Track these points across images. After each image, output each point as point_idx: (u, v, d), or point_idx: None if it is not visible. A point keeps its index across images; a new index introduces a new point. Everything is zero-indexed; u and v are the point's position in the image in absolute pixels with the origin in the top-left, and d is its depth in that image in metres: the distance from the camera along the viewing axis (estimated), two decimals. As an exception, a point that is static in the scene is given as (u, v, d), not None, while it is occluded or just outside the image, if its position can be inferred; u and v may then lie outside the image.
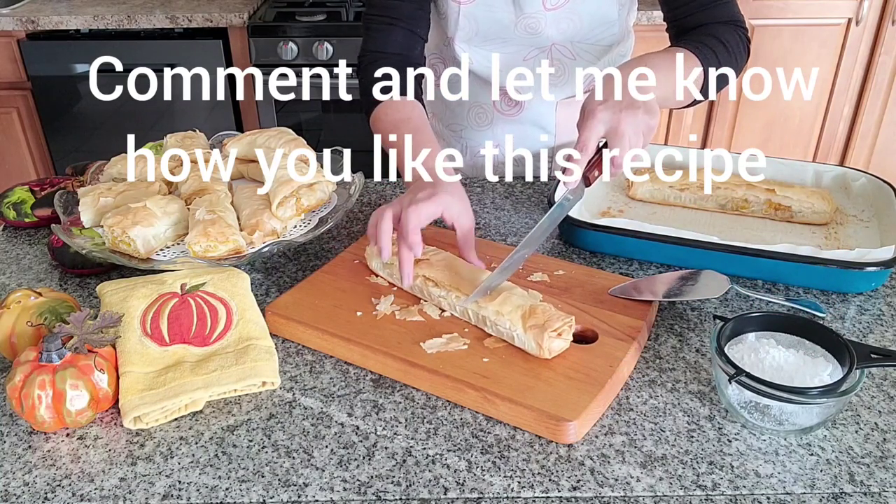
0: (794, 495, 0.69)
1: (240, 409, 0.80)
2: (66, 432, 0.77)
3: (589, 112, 0.89)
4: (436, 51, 1.32)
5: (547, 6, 1.17)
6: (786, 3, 2.48)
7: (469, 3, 1.18)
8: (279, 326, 0.90)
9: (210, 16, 2.46)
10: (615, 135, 0.87)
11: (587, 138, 0.87)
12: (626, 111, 0.87)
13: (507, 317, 0.83)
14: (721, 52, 1.04)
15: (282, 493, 0.70)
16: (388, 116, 1.10)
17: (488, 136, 1.35)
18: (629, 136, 0.87)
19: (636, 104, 0.88)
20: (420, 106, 1.13)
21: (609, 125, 0.87)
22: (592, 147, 0.88)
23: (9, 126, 2.64)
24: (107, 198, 1.01)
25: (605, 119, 0.87)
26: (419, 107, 1.12)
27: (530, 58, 1.24)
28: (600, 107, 0.88)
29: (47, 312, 0.84)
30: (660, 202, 1.16)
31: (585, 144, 0.87)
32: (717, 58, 1.03)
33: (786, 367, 0.76)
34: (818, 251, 0.95)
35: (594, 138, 0.88)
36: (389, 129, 1.08)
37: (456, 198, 0.95)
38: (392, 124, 1.09)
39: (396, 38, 1.16)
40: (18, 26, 2.46)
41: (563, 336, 0.81)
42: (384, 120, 1.10)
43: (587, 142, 0.87)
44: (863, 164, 2.74)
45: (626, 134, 0.86)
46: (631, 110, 0.87)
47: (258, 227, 0.98)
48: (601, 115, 0.87)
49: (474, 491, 0.70)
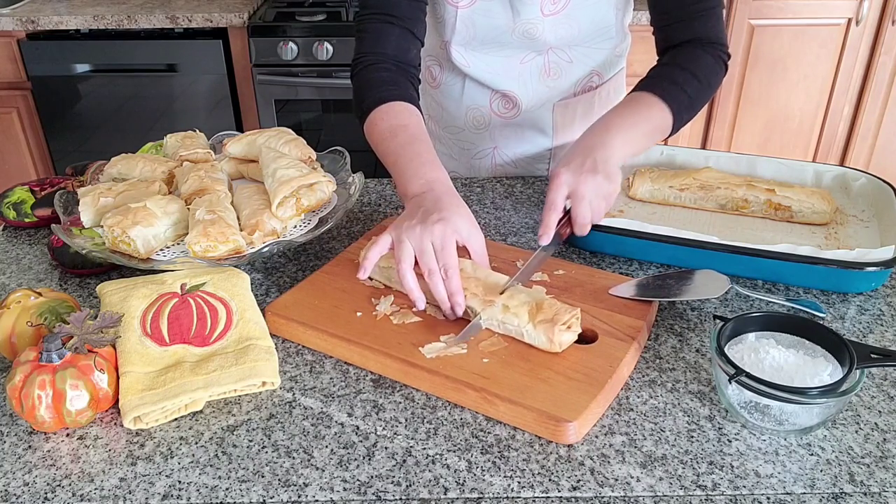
0: (794, 495, 0.69)
1: (240, 409, 0.80)
2: (66, 432, 0.77)
3: (553, 175, 0.97)
4: (433, 54, 1.32)
5: (545, 11, 1.16)
6: (786, 3, 2.48)
7: (466, 8, 1.18)
8: (279, 326, 0.90)
9: (210, 16, 2.46)
10: (575, 196, 0.95)
11: (553, 199, 0.96)
12: (586, 175, 0.95)
13: (514, 312, 0.83)
14: (692, 87, 1.06)
15: (282, 493, 0.70)
16: (383, 122, 1.05)
17: (486, 139, 1.34)
18: (588, 199, 0.95)
19: (596, 169, 0.96)
20: (418, 113, 1.08)
21: (570, 187, 0.96)
22: (559, 205, 0.96)
23: (9, 126, 2.64)
24: (107, 198, 1.01)
25: (568, 181, 0.96)
26: (417, 114, 1.07)
27: (527, 61, 1.23)
28: (564, 170, 0.97)
29: (47, 312, 0.84)
30: (660, 202, 1.16)
31: (553, 203, 0.96)
32: (688, 97, 1.06)
33: (786, 367, 0.76)
34: (818, 251, 0.95)
35: (559, 199, 0.96)
36: (384, 135, 1.04)
37: (461, 216, 0.92)
38: (388, 129, 1.04)
39: (392, 38, 1.11)
40: (18, 26, 2.46)
41: (572, 329, 0.82)
42: (379, 125, 1.05)
43: (553, 201, 0.96)
44: (863, 164, 2.73)
45: (586, 196, 0.95)
46: (590, 174, 0.95)
47: (258, 227, 0.98)
48: (563, 177, 0.96)
49: (474, 491, 0.70)
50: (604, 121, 1.04)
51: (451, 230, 0.89)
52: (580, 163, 0.97)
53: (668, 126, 1.06)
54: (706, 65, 1.08)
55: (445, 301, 0.87)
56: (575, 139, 1.30)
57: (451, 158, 1.40)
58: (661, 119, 1.05)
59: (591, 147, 0.99)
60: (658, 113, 1.05)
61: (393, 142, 1.03)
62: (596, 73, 1.27)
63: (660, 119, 1.05)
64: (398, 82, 1.09)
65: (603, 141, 1.00)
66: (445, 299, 0.87)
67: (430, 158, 1.00)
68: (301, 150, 1.10)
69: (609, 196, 0.97)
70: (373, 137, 1.07)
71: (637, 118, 1.05)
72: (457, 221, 0.91)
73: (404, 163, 1.00)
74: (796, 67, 2.58)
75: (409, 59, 1.13)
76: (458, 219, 0.92)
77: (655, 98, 1.05)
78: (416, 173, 0.98)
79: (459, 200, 0.95)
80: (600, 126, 1.03)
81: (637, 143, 1.04)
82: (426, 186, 0.96)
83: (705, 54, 1.09)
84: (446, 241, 0.88)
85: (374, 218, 1.17)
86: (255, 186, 1.07)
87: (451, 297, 0.87)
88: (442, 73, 1.31)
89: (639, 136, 1.04)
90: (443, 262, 0.88)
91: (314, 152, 1.13)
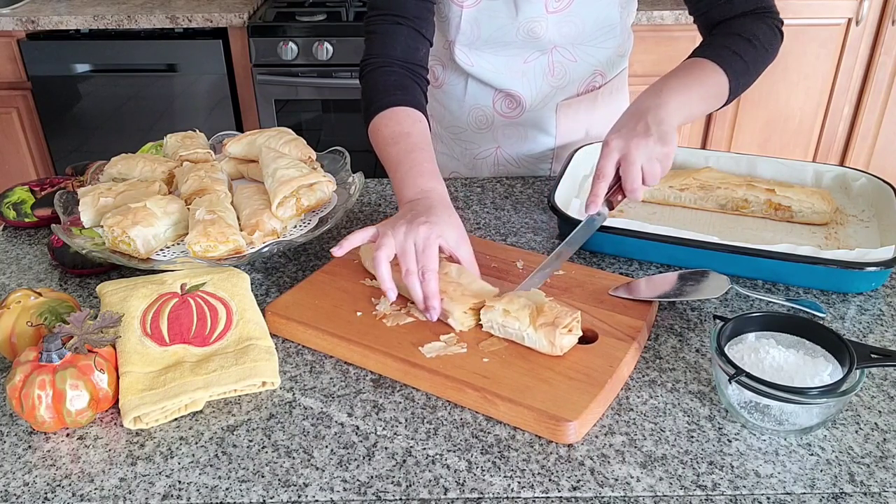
0: (794, 495, 0.69)
1: (240, 409, 0.80)
2: (66, 432, 0.77)
3: (605, 142, 0.96)
4: (435, 54, 1.31)
5: (549, 10, 1.16)
6: (786, 3, 2.48)
7: (471, 7, 1.17)
8: (279, 326, 0.90)
9: (210, 16, 2.46)
10: (626, 160, 0.93)
11: (602, 166, 0.94)
12: (637, 139, 0.93)
13: (514, 316, 0.82)
14: (748, 52, 1.04)
15: (282, 493, 0.70)
16: (386, 127, 1.05)
17: (488, 139, 1.34)
18: (640, 162, 0.93)
19: (648, 133, 0.93)
20: (423, 119, 1.07)
21: (621, 153, 0.94)
22: (609, 174, 0.94)
23: (9, 126, 2.64)
24: (107, 198, 1.01)
25: (618, 147, 0.94)
26: (422, 121, 1.07)
27: (531, 60, 1.23)
28: (614, 136, 0.95)
29: (47, 312, 0.84)
30: (660, 202, 1.16)
31: (602, 172, 0.94)
32: (743, 62, 1.04)
33: (786, 367, 0.76)
34: (818, 251, 0.95)
35: (609, 166, 0.94)
36: (387, 140, 1.04)
37: (452, 226, 0.93)
38: (391, 136, 1.04)
39: (401, 39, 1.10)
40: (18, 26, 2.46)
41: (573, 332, 0.82)
42: (382, 131, 1.05)
43: (603, 169, 0.94)
44: (863, 164, 2.73)
45: (637, 160, 0.93)
46: (642, 138, 0.93)
47: (258, 227, 0.98)
48: (614, 143, 0.94)
49: (474, 491, 0.70)
50: (657, 84, 1.01)
51: (436, 234, 0.89)
52: (632, 126, 0.94)
53: (725, 91, 1.04)
54: (761, 31, 1.06)
55: (420, 303, 0.87)
56: (576, 140, 1.30)
57: (452, 158, 1.40)
58: (716, 83, 1.03)
59: (643, 110, 0.96)
60: (713, 76, 1.02)
61: (394, 148, 1.03)
62: (599, 72, 1.27)
63: (715, 83, 1.03)
64: (405, 86, 1.09)
65: (656, 103, 0.97)
66: (420, 301, 0.87)
67: (428, 168, 1.00)
68: (301, 150, 1.10)
69: (664, 158, 0.94)
70: (376, 142, 1.07)
71: (691, 80, 1.02)
72: (444, 228, 0.91)
73: (403, 171, 1.00)
74: (796, 67, 2.58)
75: (418, 60, 1.12)
76: (447, 226, 0.92)
77: (710, 63, 1.03)
78: (414, 182, 0.98)
79: (452, 211, 0.95)
80: (653, 89, 1.00)
81: (692, 105, 1.01)
82: (421, 195, 0.96)
83: (758, 21, 1.07)
84: (429, 243, 0.88)
85: (374, 218, 1.17)
86: (255, 186, 1.07)
87: (426, 300, 0.86)
88: (445, 72, 1.31)
89: (695, 99, 1.01)
90: (422, 264, 0.87)
91: (314, 152, 1.13)
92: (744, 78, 1.05)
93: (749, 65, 1.05)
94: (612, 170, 0.94)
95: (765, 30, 1.06)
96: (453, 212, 0.95)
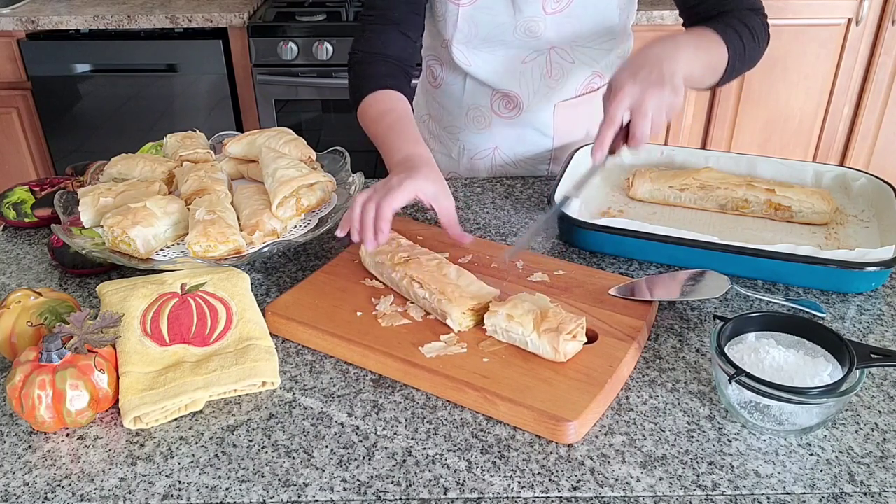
0: (794, 495, 0.69)
1: (240, 409, 0.80)
2: (66, 432, 0.77)
3: (617, 87, 0.92)
4: (434, 53, 1.32)
5: (547, 10, 1.16)
6: (786, 3, 2.48)
7: (468, 6, 1.18)
8: (279, 326, 0.90)
9: (210, 16, 2.46)
10: (638, 110, 0.90)
11: (614, 113, 0.91)
12: (653, 88, 0.90)
13: (518, 321, 0.82)
14: (746, 37, 1.04)
15: (282, 493, 0.70)
16: (371, 108, 1.12)
17: (486, 139, 1.34)
18: (651, 113, 0.90)
19: (663, 82, 0.91)
20: (404, 99, 1.13)
21: (634, 100, 0.90)
22: (619, 121, 0.91)
23: (9, 126, 2.64)
24: (107, 198, 1.01)
25: (632, 94, 0.90)
26: (403, 100, 1.13)
27: (528, 60, 1.23)
28: (629, 82, 0.91)
29: (47, 312, 0.84)
30: (660, 202, 1.16)
31: (613, 118, 0.91)
32: (742, 43, 1.04)
33: (786, 367, 0.76)
34: (818, 251, 0.95)
35: (620, 112, 0.91)
36: (373, 119, 1.11)
37: (430, 180, 0.96)
38: (376, 114, 1.11)
39: (389, 40, 1.17)
40: (18, 26, 2.46)
41: (577, 338, 0.81)
42: (368, 112, 1.12)
43: (614, 116, 0.91)
44: (863, 164, 2.73)
45: (650, 110, 0.90)
46: (657, 88, 0.90)
47: (258, 227, 0.98)
48: (628, 89, 0.90)
49: (474, 491, 0.70)
50: (672, 37, 0.99)
51: (412, 184, 0.93)
52: (647, 74, 0.91)
53: (722, 68, 1.03)
54: (756, 24, 1.06)
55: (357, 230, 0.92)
56: (574, 141, 1.30)
57: (450, 158, 1.40)
58: (719, 55, 1.02)
59: (658, 58, 0.93)
60: (718, 48, 1.02)
61: (381, 124, 1.09)
62: (598, 74, 1.27)
63: (718, 55, 1.02)
64: (392, 74, 1.15)
65: (672, 54, 0.94)
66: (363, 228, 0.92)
67: (412, 136, 1.05)
68: (301, 150, 1.10)
69: (672, 108, 0.92)
70: (365, 123, 1.13)
71: (702, 44, 1.01)
72: (422, 182, 0.94)
73: (389, 141, 1.05)
74: (796, 67, 2.58)
75: (406, 58, 1.19)
76: (424, 180, 0.95)
77: (716, 35, 1.02)
78: (400, 149, 1.03)
79: (433, 169, 0.99)
80: (669, 40, 0.98)
81: (699, 68, 0.99)
82: (405, 159, 1.00)
83: (754, 16, 1.07)
84: (403, 186, 0.92)
85: (374, 218, 1.17)
86: (255, 186, 1.07)
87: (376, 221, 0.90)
88: (443, 72, 1.31)
89: (702, 63, 1.00)
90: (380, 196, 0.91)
91: (314, 152, 1.13)
92: (739, 62, 1.04)
93: (746, 50, 1.05)
94: (622, 117, 0.91)
95: (759, 24, 1.07)
96: (435, 170, 0.99)
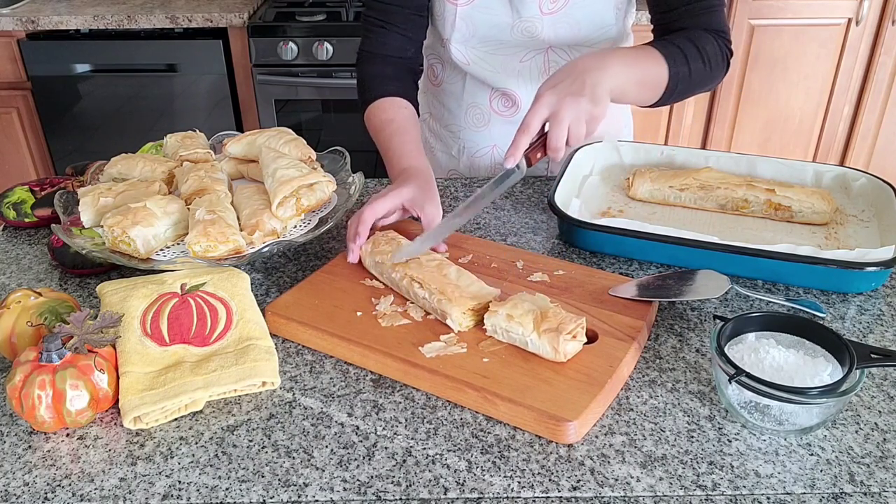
0: (794, 495, 0.69)
1: (240, 409, 0.80)
2: (66, 432, 0.77)
3: (536, 96, 0.93)
4: (434, 52, 1.32)
5: (543, 10, 1.16)
6: (786, 3, 2.48)
7: (466, 5, 1.18)
8: (279, 326, 0.90)
9: (210, 16, 2.46)
10: (554, 118, 0.91)
11: (529, 120, 0.92)
12: (570, 98, 0.91)
13: (518, 321, 0.82)
14: (695, 62, 1.04)
15: (282, 493, 0.70)
16: (375, 117, 1.15)
17: (485, 137, 1.35)
18: (568, 121, 0.91)
19: (582, 91, 0.91)
20: (408, 106, 1.16)
21: (551, 110, 0.91)
22: (534, 129, 0.92)
23: (9, 126, 2.64)
24: (107, 198, 1.01)
25: (549, 103, 0.92)
26: (406, 107, 1.15)
27: (527, 59, 1.23)
28: (548, 91, 0.92)
29: (47, 312, 0.84)
30: (660, 202, 1.16)
31: (527, 126, 0.92)
32: (688, 68, 1.04)
33: (786, 367, 0.76)
34: (818, 251, 0.95)
35: (536, 121, 0.92)
36: (377, 129, 1.14)
37: (419, 189, 0.99)
38: (378, 125, 1.14)
39: (391, 41, 1.19)
40: (18, 26, 2.46)
41: (577, 338, 0.81)
42: (372, 121, 1.16)
43: (529, 123, 0.92)
44: (863, 164, 2.73)
45: (566, 119, 0.90)
46: (575, 98, 0.91)
47: (258, 227, 0.98)
48: (545, 99, 0.92)
49: (474, 491, 0.70)
50: (605, 50, 1.00)
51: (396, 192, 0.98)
52: (568, 84, 0.92)
53: (662, 88, 1.03)
54: (712, 48, 1.06)
55: None
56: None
57: (451, 157, 1.40)
58: (657, 75, 1.02)
59: (583, 69, 0.94)
60: (657, 68, 1.02)
61: (382, 135, 1.12)
62: None
63: (656, 75, 1.02)
64: (397, 76, 1.18)
65: (599, 65, 0.95)
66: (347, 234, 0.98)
67: (410, 149, 1.08)
68: (301, 150, 1.10)
69: (592, 120, 0.92)
70: (370, 130, 1.17)
71: (636, 61, 1.01)
72: (407, 190, 0.98)
73: (389, 155, 1.10)
74: (796, 67, 2.59)
75: (409, 57, 1.21)
76: (411, 189, 0.99)
77: (658, 54, 1.02)
78: (399, 163, 1.07)
79: (425, 181, 1.02)
80: (598, 53, 0.99)
81: (632, 83, 1.00)
82: (402, 173, 1.04)
83: (713, 39, 1.07)
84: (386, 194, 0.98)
85: (374, 218, 1.17)
86: (255, 186, 1.07)
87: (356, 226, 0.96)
88: (444, 70, 1.32)
89: (636, 78, 1.00)
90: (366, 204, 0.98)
91: (314, 152, 1.13)
92: (683, 84, 1.05)
93: (692, 74, 1.04)
94: (538, 125, 0.92)
95: (715, 49, 1.07)
96: (427, 182, 1.02)
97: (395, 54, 1.19)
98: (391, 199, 0.98)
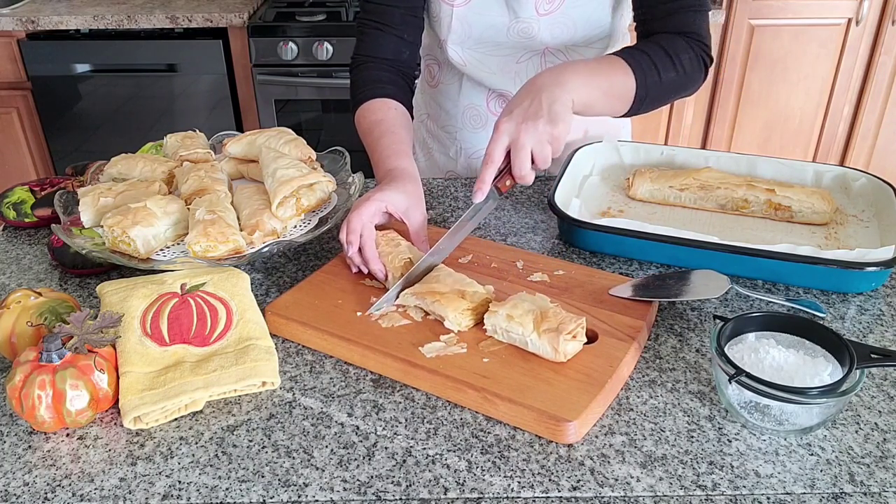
0: (794, 495, 0.69)
1: (240, 409, 0.80)
2: (66, 432, 0.77)
3: (496, 125, 0.93)
4: (431, 53, 1.32)
5: (540, 11, 1.16)
6: (786, 3, 2.48)
7: (462, 6, 1.18)
8: (279, 326, 0.90)
9: (210, 16, 2.46)
10: (515, 146, 0.92)
11: (491, 150, 0.93)
12: (527, 123, 0.91)
13: (518, 321, 0.82)
14: (666, 69, 1.03)
15: (282, 493, 0.70)
16: (364, 119, 1.14)
17: (483, 138, 1.34)
18: (529, 147, 0.91)
19: (538, 115, 0.91)
20: (397, 106, 1.14)
21: (511, 137, 0.92)
22: (498, 159, 0.93)
23: (9, 126, 2.64)
24: (107, 198, 1.01)
25: (508, 131, 0.92)
26: (397, 108, 1.14)
27: (523, 61, 1.23)
28: (504, 119, 0.93)
29: (47, 312, 0.84)
30: (660, 202, 1.16)
31: (490, 157, 0.92)
32: (658, 76, 1.03)
33: (786, 367, 0.76)
34: (818, 251, 0.95)
35: (498, 152, 0.92)
36: (365, 130, 1.13)
37: (403, 193, 0.99)
38: (367, 126, 1.12)
39: (386, 43, 1.18)
40: (18, 26, 2.47)
41: (577, 338, 0.81)
42: (362, 123, 1.14)
43: (492, 154, 0.92)
44: (863, 164, 2.74)
45: (526, 145, 0.91)
46: (532, 121, 0.91)
47: (258, 227, 0.98)
48: (503, 127, 0.92)
49: (474, 491, 0.70)
50: (564, 64, 0.99)
51: (379, 196, 0.96)
52: (524, 107, 0.92)
53: (630, 97, 1.02)
54: (686, 55, 1.05)
55: None
56: (573, 140, 1.30)
57: (448, 158, 1.40)
58: (623, 84, 1.01)
59: (539, 88, 0.93)
60: (622, 77, 1.01)
61: (370, 137, 1.11)
62: None
63: (622, 84, 1.01)
64: (386, 80, 1.16)
65: (555, 81, 0.94)
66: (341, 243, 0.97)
67: (396, 150, 1.07)
68: (301, 150, 1.10)
69: (555, 140, 0.92)
70: (359, 133, 1.15)
71: (598, 72, 1.00)
72: (390, 194, 0.97)
73: (377, 156, 1.08)
74: (796, 67, 2.59)
75: (404, 61, 1.19)
76: (394, 192, 0.98)
77: (623, 63, 1.01)
78: (385, 164, 1.06)
79: (411, 183, 1.01)
80: (555, 67, 0.98)
81: (596, 95, 0.98)
82: (387, 174, 1.04)
83: (687, 46, 1.06)
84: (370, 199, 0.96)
85: (374, 218, 1.17)
86: (255, 186, 1.07)
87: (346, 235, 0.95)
88: (440, 71, 1.32)
89: (601, 90, 0.99)
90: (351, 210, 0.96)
91: (314, 152, 1.13)
92: (653, 91, 1.03)
93: (663, 82, 1.03)
94: (502, 154, 0.92)
95: (691, 56, 1.06)
96: (412, 183, 1.01)
97: (390, 57, 1.17)
98: (375, 203, 0.97)
